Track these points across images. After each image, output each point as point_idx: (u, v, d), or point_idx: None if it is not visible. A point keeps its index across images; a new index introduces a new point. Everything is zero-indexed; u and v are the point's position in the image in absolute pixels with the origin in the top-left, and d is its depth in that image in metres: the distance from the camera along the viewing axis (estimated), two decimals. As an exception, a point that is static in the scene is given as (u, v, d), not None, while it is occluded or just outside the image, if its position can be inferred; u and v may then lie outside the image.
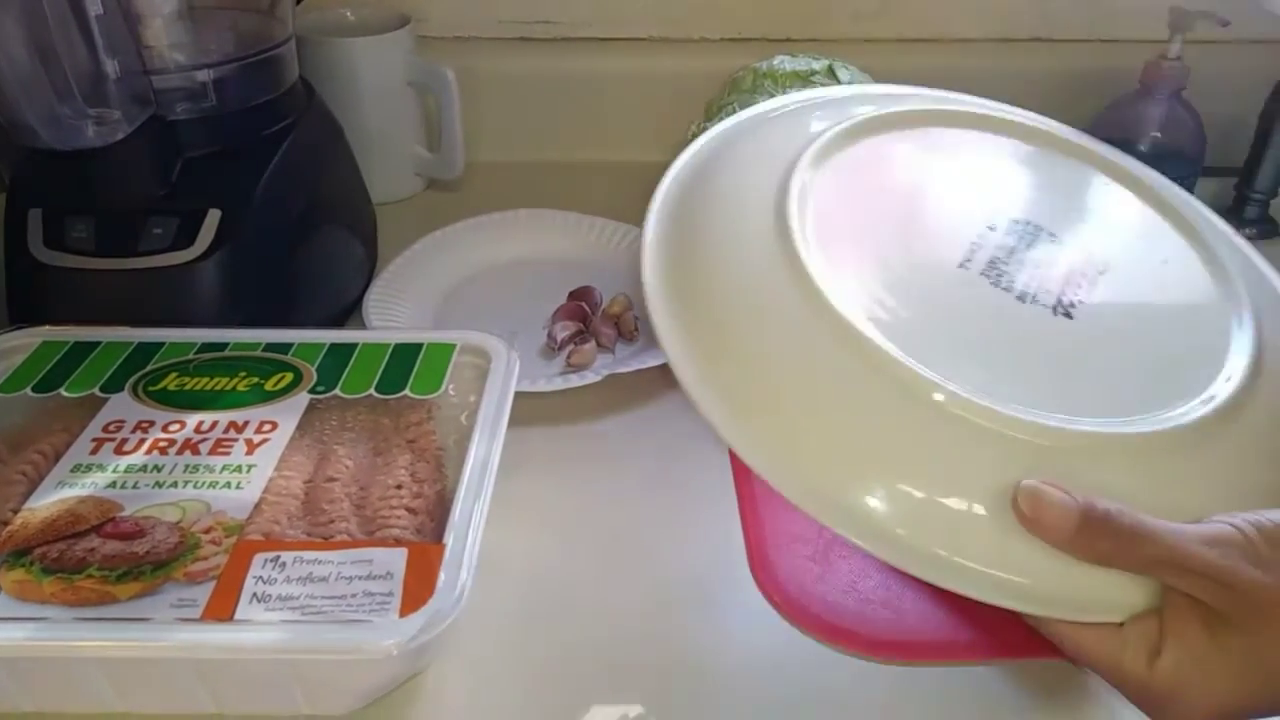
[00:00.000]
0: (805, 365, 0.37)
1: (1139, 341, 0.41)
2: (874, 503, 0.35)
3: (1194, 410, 0.37)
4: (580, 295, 0.67)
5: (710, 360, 0.39)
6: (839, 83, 0.65)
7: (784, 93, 0.64)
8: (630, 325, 0.65)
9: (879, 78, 0.56)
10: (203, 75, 0.56)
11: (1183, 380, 0.39)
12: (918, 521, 0.35)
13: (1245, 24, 0.75)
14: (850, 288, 0.39)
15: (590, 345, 0.63)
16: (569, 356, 0.62)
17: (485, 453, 0.45)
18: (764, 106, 0.50)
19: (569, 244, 0.73)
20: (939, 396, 0.36)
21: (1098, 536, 0.33)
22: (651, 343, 0.64)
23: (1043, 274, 0.42)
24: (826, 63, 0.67)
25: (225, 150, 0.57)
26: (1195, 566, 0.32)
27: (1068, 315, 0.41)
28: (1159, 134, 0.74)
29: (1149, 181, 0.48)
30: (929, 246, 0.42)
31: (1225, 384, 0.38)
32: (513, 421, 0.51)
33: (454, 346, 0.52)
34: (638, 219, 0.73)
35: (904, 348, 0.37)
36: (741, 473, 0.54)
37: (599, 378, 0.59)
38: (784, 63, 0.67)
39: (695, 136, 0.66)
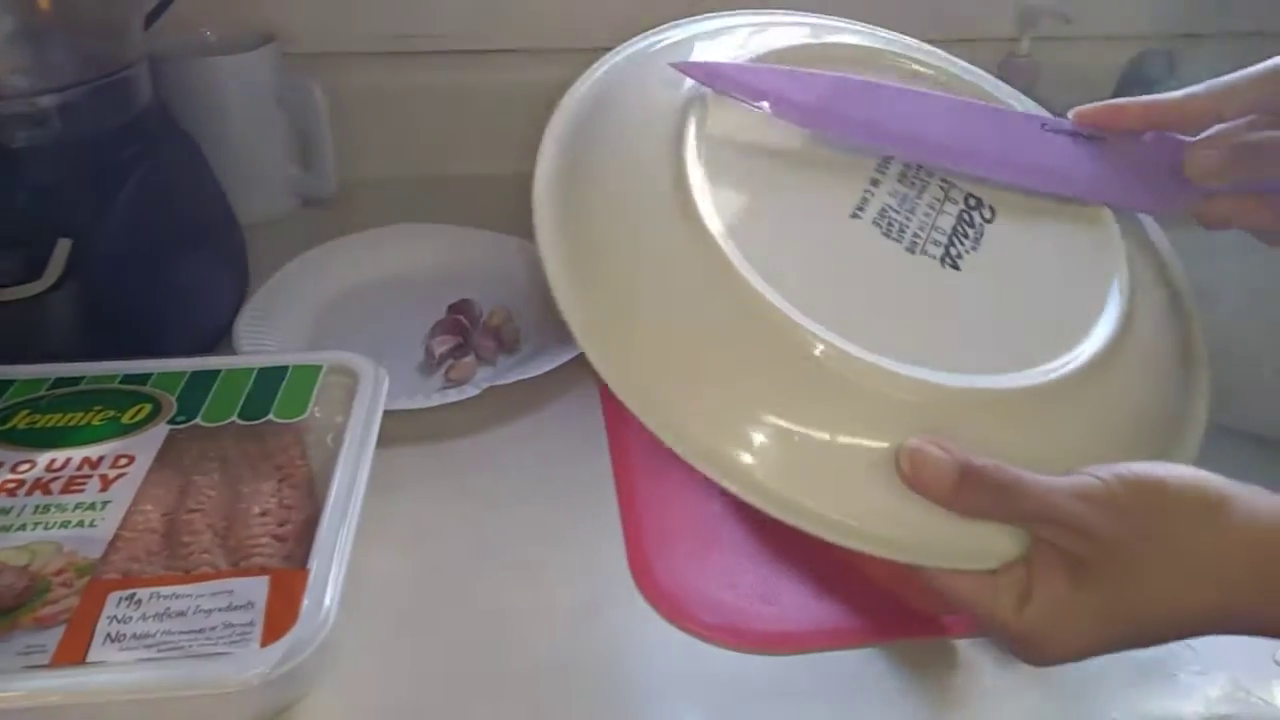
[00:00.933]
0: (692, 315, 0.38)
1: (1020, 295, 0.42)
2: (757, 457, 0.36)
3: (1066, 365, 0.38)
4: (459, 309, 0.67)
5: (598, 307, 0.39)
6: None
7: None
8: (512, 337, 0.65)
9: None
10: (46, 101, 0.54)
11: (1059, 335, 0.40)
12: (800, 475, 0.36)
13: (1089, 21, 0.79)
14: (743, 238, 0.38)
15: (470, 359, 0.62)
16: (448, 371, 0.62)
17: (352, 473, 0.45)
18: (662, 36, 0.49)
19: (447, 258, 0.73)
20: (819, 350, 0.36)
21: (974, 492, 0.34)
22: (533, 353, 0.64)
23: (932, 223, 0.42)
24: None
25: (76, 177, 0.55)
26: (1064, 518, 0.34)
27: (955, 267, 0.41)
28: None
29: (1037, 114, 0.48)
30: (822, 195, 0.42)
31: (1096, 340, 0.40)
32: (391, 440, 0.50)
33: (321, 368, 0.51)
34: (516, 230, 0.74)
35: (792, 299, 0.37)
36: (623, 476, 0.55)
37: (477, 391, 0.58)
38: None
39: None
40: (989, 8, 0.82)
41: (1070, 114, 0.46)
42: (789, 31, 0.48)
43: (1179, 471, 0.35)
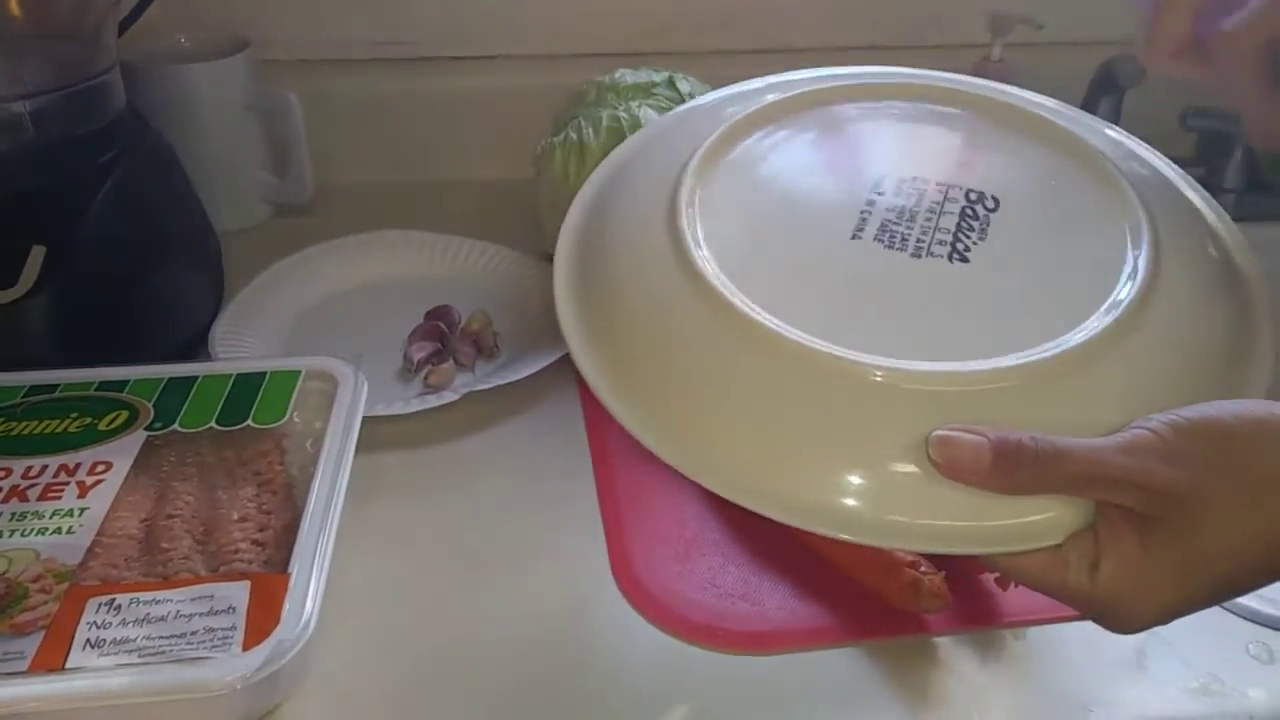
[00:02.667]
0: (717, 367, 0.38)
1: (1038, 272, 0.41)
2: (810, 485, 0.36)
3: (1094, 325, 0.38)
4: (438, 315, 0.66)
5: (622, 374, 0.39)
6: (679, 93, 0.67)
7: (626, 104, 0.65)
8: (490, 342, 0.65)
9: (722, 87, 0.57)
10: (18, 107, 0.54)
11: (1084, 299, 0.39)
12: (845, 489, 0.35)
13: (1060, 27, 0.80)
14: (748, 283, 0.39)
15: (448, 365, 0.62)
16: (426, 377, 0.62)
17: (332, 478, 0.45)
18: (648, 129, 0.51)
19: (425, 264, 0.73)
20: (839, 366, 0.36)
21: (1015, 468, 0.33)
22: (512, 358, 0.64)
23: (934, 225, 0.42)
24: (667, 74, 0.68)
25: (49, 184, 0.55)
26: (1114, 475, 0.33)
27: (964, 260, 0.41)
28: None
29: (1024, 107, 0.48)
30: (819, 227, 0.43)
31: (1123, 293, 0.39)
32: (370, 446, 0.50)
33: (299, 373, 0.51)
34: (494, 236, 0.74)
35: (804, 326, 0.37)
36: (604, 479, 0.55)
37: (456, 396, 0.58)
38: (625, 76, 0.68)
39: (544, 151, 0.67)
40: (963, 14, 0.83)
41: None
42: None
43: (1234, 405, 0.34)
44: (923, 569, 0.45)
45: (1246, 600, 0.48)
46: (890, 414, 0.36)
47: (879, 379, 0.36)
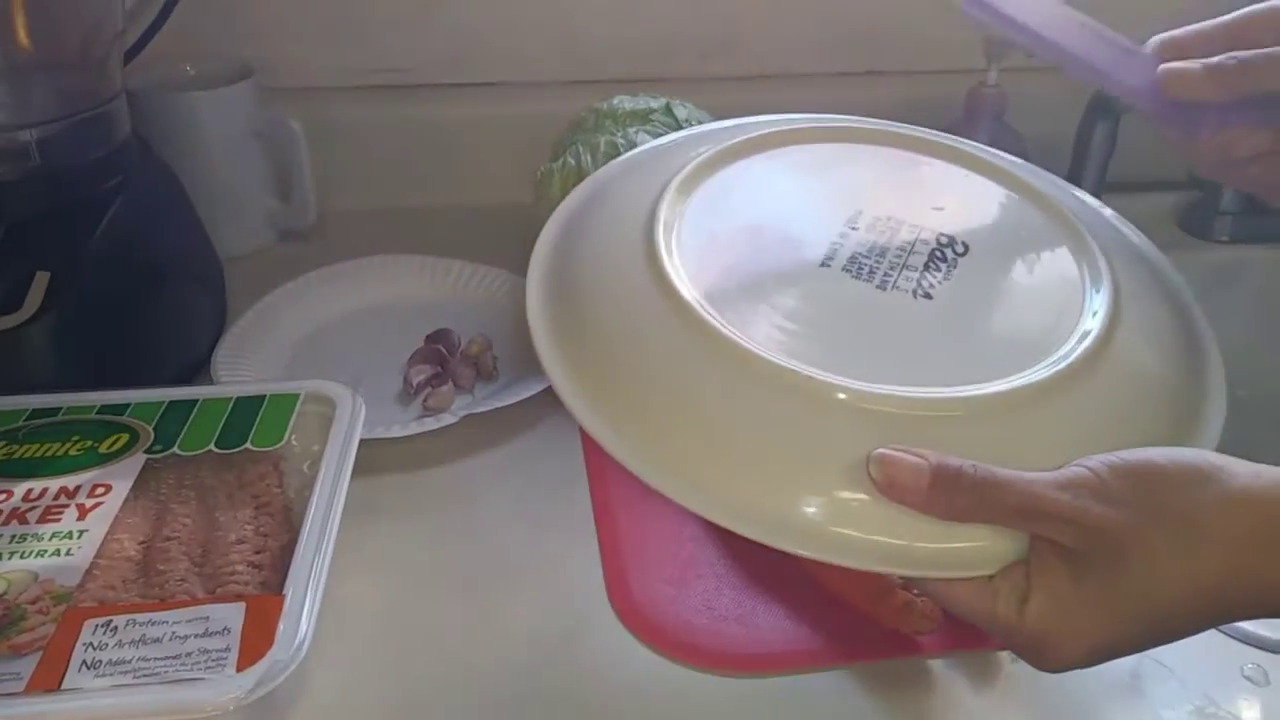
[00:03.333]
0: (680, 377, 0.39)
1: (999, 314, 0.43)
2: (750, 490, 0.36)
3: (1048, 368, 0.39)
4: (437, 338, 0.67)
5: (593, 383, 0.40)
6: (676, 119, 0.67)
7: (624, 130, 0.66)
8: (489, 365, 0.66)
9: (725, 114, 0.58)
10: (25, 135, 0.55)
11: (1041, 343, 0.40)
12: (793, 502, 0.36)
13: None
14: (719, 300, 0.40)
15: (447, 388, 0.63)
16: (426, 400, 0.62)
17: (328, 500, 0.45)
18: (632, 153, 0.52)
19: (425, 288, 0.74)
20: (798, 383, 0.37)
21: (953, 493, 0.34)
22: (511, 381, 0.64)
23: (903, 262, 0.43)
24: (664, 101, 0.69)
25: (54, 210, 0.56)
26: (1049, 510, 0.33)
27: (928, 297, 0.42)
28: (985, 156, 0.79)
29: (1003, 165, 0.50)
30: (791, 253, 0.44)
31: (1078, 340, 0.40)
32: (369, 469, 0.51)
33: (298, 396, 0.52)
34: (493, 260, 0.75)
35: (767, 343, 0.38)
36: (600, 502, 0.55)
37: (455, 419, 0.59)
38: (623, 102, 0.69)
39: (543, 176, 0.68)
40: (958, 40, 0.84)
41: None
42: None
43: (1172, 452, 0.34)
44: (915, 591, 0.45)
45: (1241, 623, 0.48)
46: (844, 432, 0.37)
47: (841, 398, 0.37)
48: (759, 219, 0.46)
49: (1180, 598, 0.33)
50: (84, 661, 0.37)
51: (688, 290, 0.40)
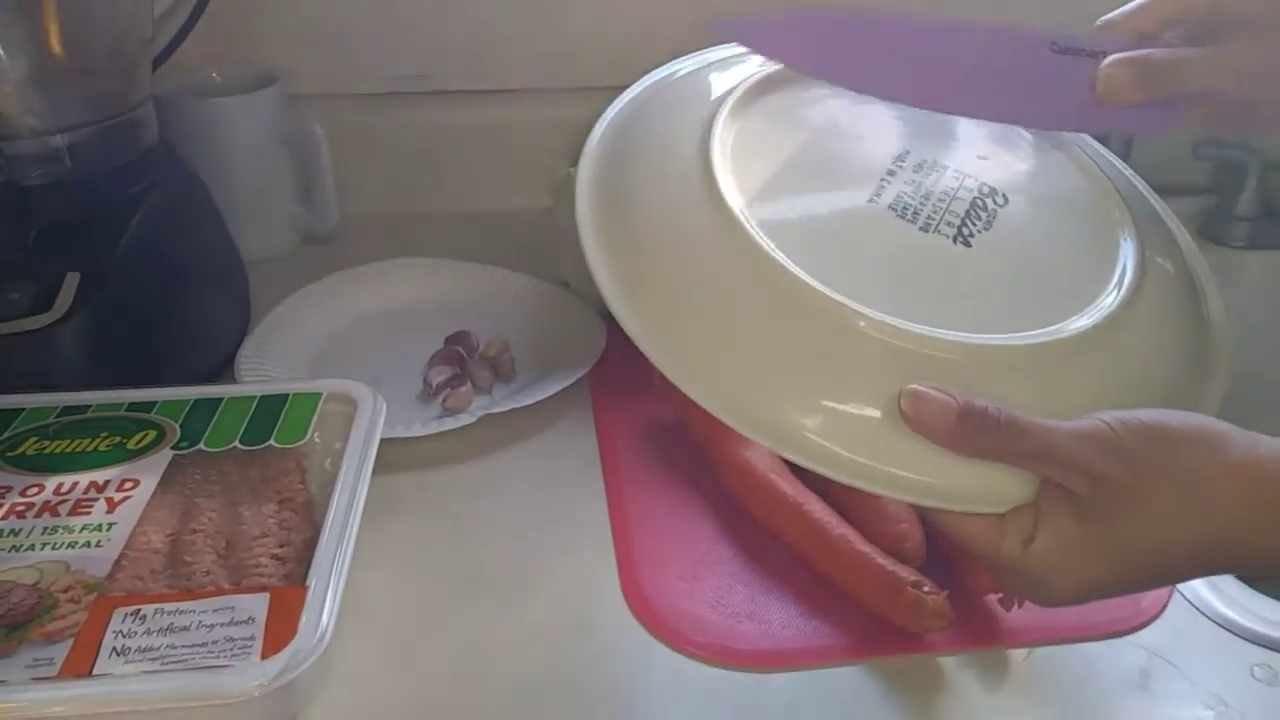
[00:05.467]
0: (728, 295, 0.40)
1: (1031, 268, 0.44)
2: (787, 411, 0.38)
3: (1072, 325, 0.40)
4: (456, 340, 0.68)
5: (641, 296, 0.41)
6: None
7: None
8: (507, 366, 0.67)
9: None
10: (57, 140, 0.57)
11: (1071, 299, 0.42)
12: (827, 427, 0.38)
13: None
14: (771, 224, 0.41)
15: (466, 388, 0.64)
16: (445, 400, 0.63)
17: (350, 495, 0.46)
18: (685, 64, 0.52)
19: (444, 291, 0.75)
20: (841, 314, 0.38)
21: (976, 432, 0.36)
22: (528, 382, 0.65)
23: (946, 207, 0.44)
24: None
25: (84, 213, 0.57)
26: (1064, 457, 0.35)
27: (966, 244, 0.43)
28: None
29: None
30: (840, 184, 0.45)
31: (1105, 302, 0.42)
32: (389, 467, 0.52)
33: (320, 395, 0.53)
34: (511, 263, 0.76)
35: (813, 272, 0.39)
36: (616, 501, 0.56)
37: (473, 419, 0.60)
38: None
39: (563, 180, 0.69)
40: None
41: (1098, 23, 0.46)
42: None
43: (1181, 414, 0.36)
44: (926, 589, 0.46)
45: (1250, 623, 0.48)
46: (867, 361, 0.38)
47: (862, 326, 0.38)
48: (810, 146, 0.47)
49: (1178, 552, 0.35)
50: (114, 648, 0.38)
51: (738, 205, 0.41)
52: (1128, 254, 0.44)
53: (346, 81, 0.86)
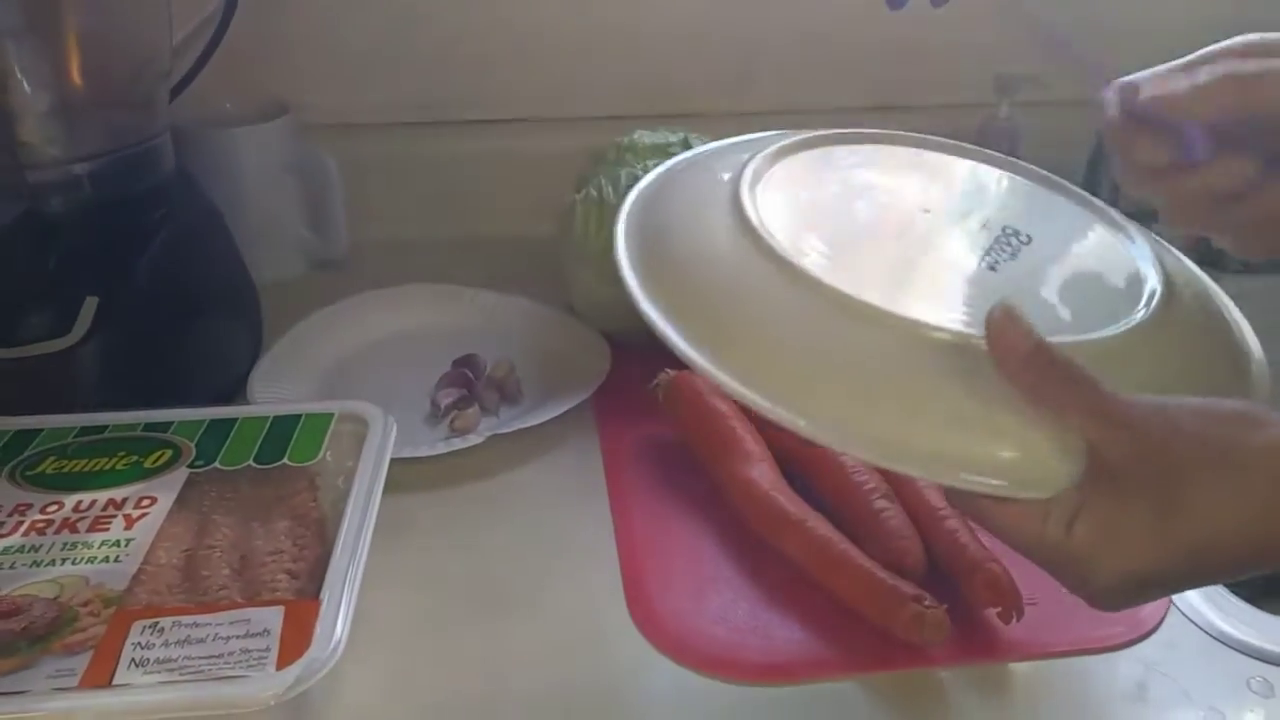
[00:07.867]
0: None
1: (1055, 295, 0.44)
2: (855, 411, 0.38)
3: (1122, 325, 0.41)
4: (464, 363, 0.69)
5: (664, 292, 0.42)
6: (695, 152, 0.70)
7: (644, 163, 0.69)
8: (514, 389, 0.68)
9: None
10: (78, 169, 0.58)
11: (1106, 309, 0.42)
12: (883, 422, 0.38)
13: (1064, 86, 0.83)
14: (812, 259, 0.42)
15: (474, 410, 0.65)
16: (453, 421, 0.64)
17: (361, 513, 0.47)
18: (702, 149, 0.56)
19: (452, 315, 0.76)
20: (881, 317, 0.39)
21: (1043, 370, 0.36)
22: (534, 404, 0.66)
23: (970, 243, 0.46)
24: (682, 135, 0.71)
25: (103, 239, 0.59)
26: (1118, 416, 0.35)
27: (993, 270, 0.44)
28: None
29: (1053, 178, 0.53)
30: (869, 230, 0.47)
31: (1145, 307, 0.42)
32: (398, 487, 0.53)
33: (332, 415, 0.54)
34: (517, 288, 0.77)
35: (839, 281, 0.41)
36: (622, 519, 0.57)
37: (481, 439, 0.61)
38: (643, 136, 0.72)
39: (567, 208, 0.71)
40: (970, 75, 0.86)
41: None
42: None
43: (1224, 400, 0.37)
44: (926, 603, 0.47)
45: (1247, 636, 0.49)
46: (932, 364, 0.38)
47: (920, 331, 0.39)
48: (836, 195, 0.49)
49: (1225, 530, 0.35)
50: (133, 660, 0.39)
51: (760, 224, 0.43)
52: (1150, 271, 0.45)
53: (357, 112, 0.88)
